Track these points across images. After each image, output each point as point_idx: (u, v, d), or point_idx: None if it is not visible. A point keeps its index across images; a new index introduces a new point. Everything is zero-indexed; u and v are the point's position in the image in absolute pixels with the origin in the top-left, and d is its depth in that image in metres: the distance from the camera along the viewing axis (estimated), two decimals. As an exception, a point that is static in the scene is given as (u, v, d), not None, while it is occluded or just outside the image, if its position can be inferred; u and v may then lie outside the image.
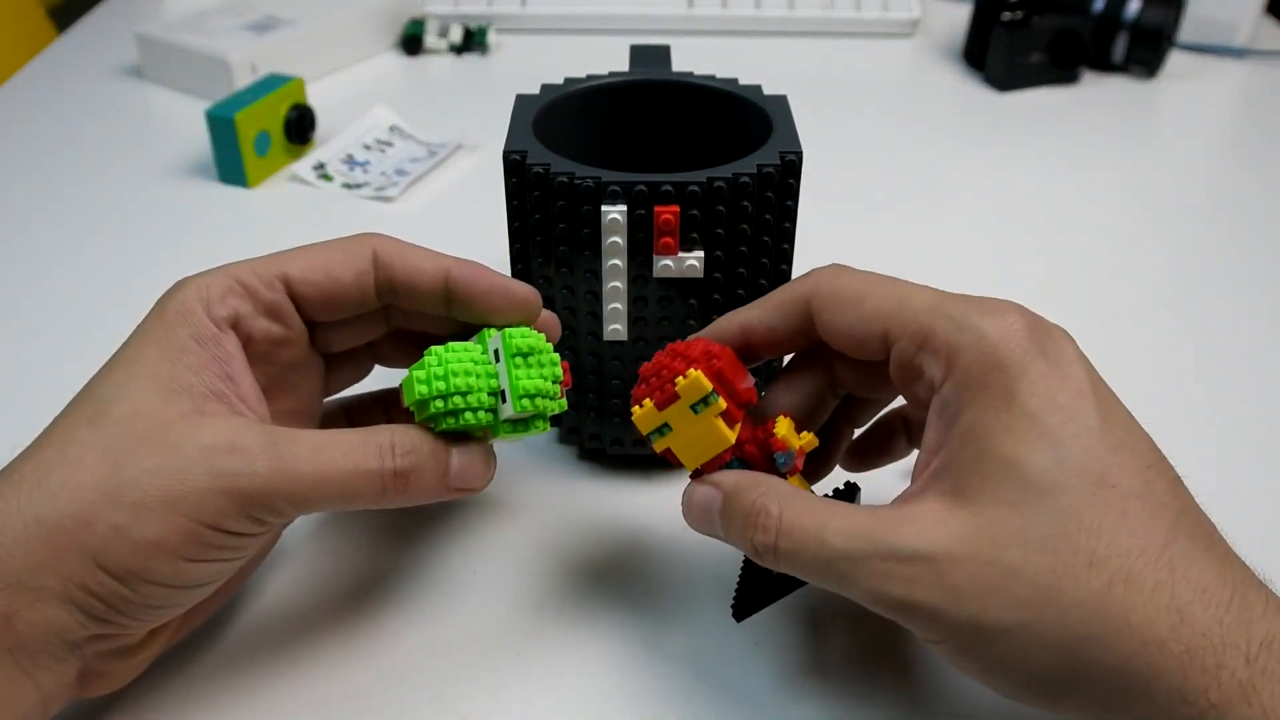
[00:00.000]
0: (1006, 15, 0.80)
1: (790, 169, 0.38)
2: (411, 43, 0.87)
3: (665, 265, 0.38)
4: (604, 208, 0.37)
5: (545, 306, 0.40)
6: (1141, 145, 0.76)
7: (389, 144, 0.72)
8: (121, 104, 0.79)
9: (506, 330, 0.33)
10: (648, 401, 0.33)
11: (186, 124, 0.74)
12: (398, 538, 0.41)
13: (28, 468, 0.30)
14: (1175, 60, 0.86)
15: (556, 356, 0.34)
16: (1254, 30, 0.89)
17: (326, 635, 0.37)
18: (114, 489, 0.29)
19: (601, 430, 0.43)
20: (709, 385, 0.32)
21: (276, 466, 0.30)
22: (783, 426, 0.33)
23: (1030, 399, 0.28)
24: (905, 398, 0.33)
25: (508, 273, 0.41)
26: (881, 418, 0.38)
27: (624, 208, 0.37)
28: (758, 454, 0.33)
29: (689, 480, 0.34)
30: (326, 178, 0.68)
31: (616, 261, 0.38)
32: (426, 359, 0.33)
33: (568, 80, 0.45)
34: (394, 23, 0.88)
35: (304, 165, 0.69)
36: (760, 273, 0.40)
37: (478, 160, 0.71)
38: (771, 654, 0.37)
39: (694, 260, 0.38)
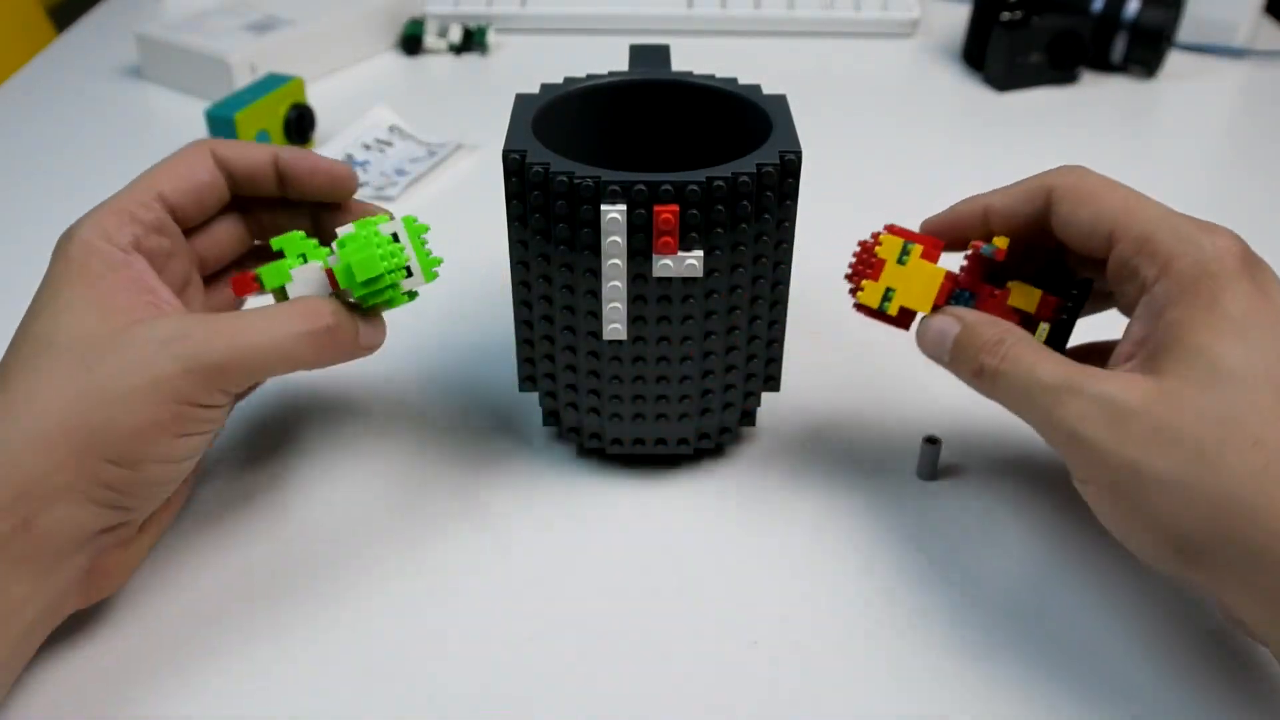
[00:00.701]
0: (1006, 15, 0.80)
1: (790, 169, 0.38)
2: (411, 43, 0.87)
3: (665, 265, 0.38)
4: (603, 207, 0.37)
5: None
6: (1141, 145, 0.76)
7: (389, 144, 0.72)
8: (121, 104, 0.79)
9: (405, 216, 0.37)
10: (865, 281, 0.39)
11: (186, 124, 0.74)
12: (389, 535, 0.41)
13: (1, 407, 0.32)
14: (1174, 60, 0.87)
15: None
16: (1253, 30, 0.89)
17: (310, 633, 0.37)
18: (92, 391, 0.32)
19: (601, 429, 0.43)
20: (900, 238, 0.39)
21: (230, 342, 0.34)
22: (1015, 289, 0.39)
23: (1232, 306, 0.32)
24: (1115, 295, 0.37)
25: (508, 272, 0.41)
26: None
27: (623, 207, 0.37)
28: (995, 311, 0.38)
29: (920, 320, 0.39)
30: (326, 178, 0.68)
31: (616, 261, 0.38)
32: (351, 237, 0.36)
33: (568, 80, 0.45)
34: (394, 23, 0.88)
35: (304, 165, 0.69)
36: (760, 273, 0.40)
37: (477, 160, 0.71)
38: (772, 653, 0.37)
39: (693, 260, 0.38)
